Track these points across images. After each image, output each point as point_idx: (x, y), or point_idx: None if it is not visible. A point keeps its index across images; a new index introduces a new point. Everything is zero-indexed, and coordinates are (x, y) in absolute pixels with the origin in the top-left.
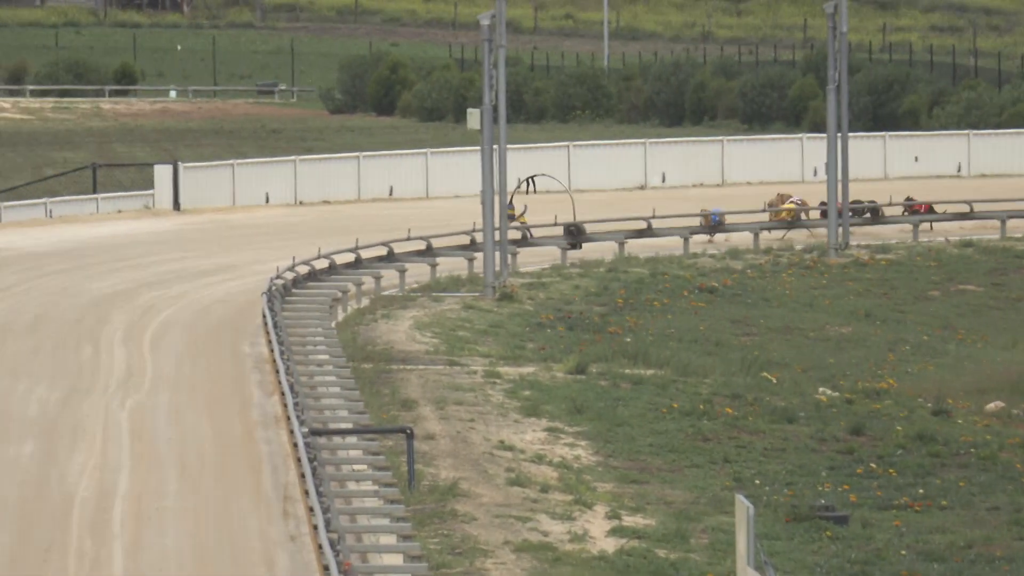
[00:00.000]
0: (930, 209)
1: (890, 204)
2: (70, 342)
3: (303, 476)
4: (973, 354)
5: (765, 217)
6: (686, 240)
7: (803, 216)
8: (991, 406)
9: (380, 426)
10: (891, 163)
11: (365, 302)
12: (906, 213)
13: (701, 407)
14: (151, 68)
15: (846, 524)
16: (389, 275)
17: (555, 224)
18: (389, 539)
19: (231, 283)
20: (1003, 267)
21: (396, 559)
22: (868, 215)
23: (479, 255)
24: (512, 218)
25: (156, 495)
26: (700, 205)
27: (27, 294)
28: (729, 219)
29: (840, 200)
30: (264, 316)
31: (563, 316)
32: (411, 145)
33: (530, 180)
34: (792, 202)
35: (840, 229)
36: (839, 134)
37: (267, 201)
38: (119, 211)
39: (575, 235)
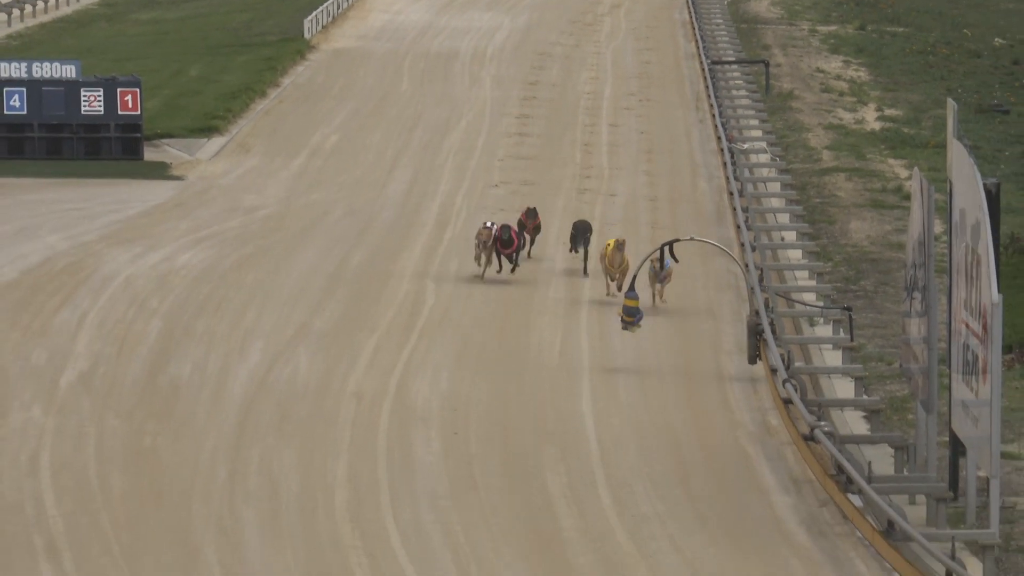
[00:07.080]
0: None
1: None
2: (578, 8)
3: (707, 87)
4: None
5: None
6: None
7: None
8: None
9: (749, 58)
10: None
11: None
12: None
13: (928, 48)
14: None
15: (1008, 114)
16: None
17: None
18: (754, 122)
19: None
20: None
21: (758, 132)
22: None
23: None
24: None
25: (624, 97)
26: None
27: None
28: None
29: None
30: None
31: None
32: None
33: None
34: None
35: None
36: None
37: None
38: None
39: None
